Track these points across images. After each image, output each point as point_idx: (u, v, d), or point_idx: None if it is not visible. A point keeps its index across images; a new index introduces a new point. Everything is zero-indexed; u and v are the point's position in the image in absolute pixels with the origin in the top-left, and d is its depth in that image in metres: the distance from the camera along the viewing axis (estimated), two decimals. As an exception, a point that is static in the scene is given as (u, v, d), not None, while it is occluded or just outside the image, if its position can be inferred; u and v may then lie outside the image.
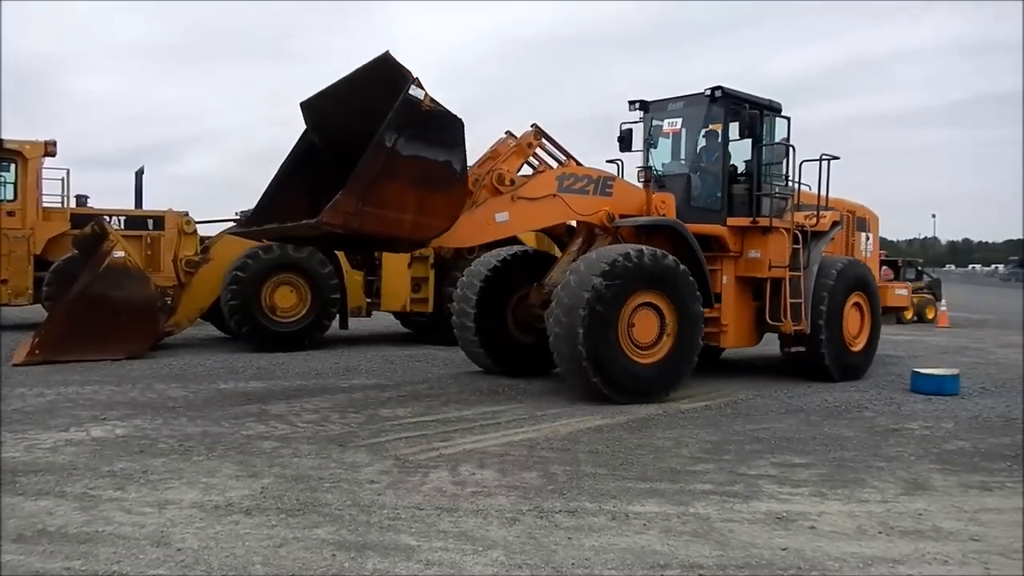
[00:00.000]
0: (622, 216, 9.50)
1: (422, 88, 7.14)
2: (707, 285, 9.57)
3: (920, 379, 9.77)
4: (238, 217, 14.13)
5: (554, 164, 9.41)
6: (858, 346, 10.96)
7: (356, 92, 7.74)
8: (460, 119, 7.52)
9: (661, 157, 10.91)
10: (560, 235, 10.34)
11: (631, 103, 10.75)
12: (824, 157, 10.46)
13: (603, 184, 9.44)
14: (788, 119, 10.82)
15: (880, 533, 4.62)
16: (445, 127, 7.44)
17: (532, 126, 9.29)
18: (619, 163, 10.92)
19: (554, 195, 9.00)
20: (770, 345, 11.93)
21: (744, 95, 10.33)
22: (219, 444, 6.47)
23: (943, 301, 23.20)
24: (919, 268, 23.72)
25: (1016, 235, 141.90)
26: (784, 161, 10.73)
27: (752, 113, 10.16)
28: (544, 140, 9.34)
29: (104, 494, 5.08)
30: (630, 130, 10.89)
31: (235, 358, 11.66)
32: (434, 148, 7.35)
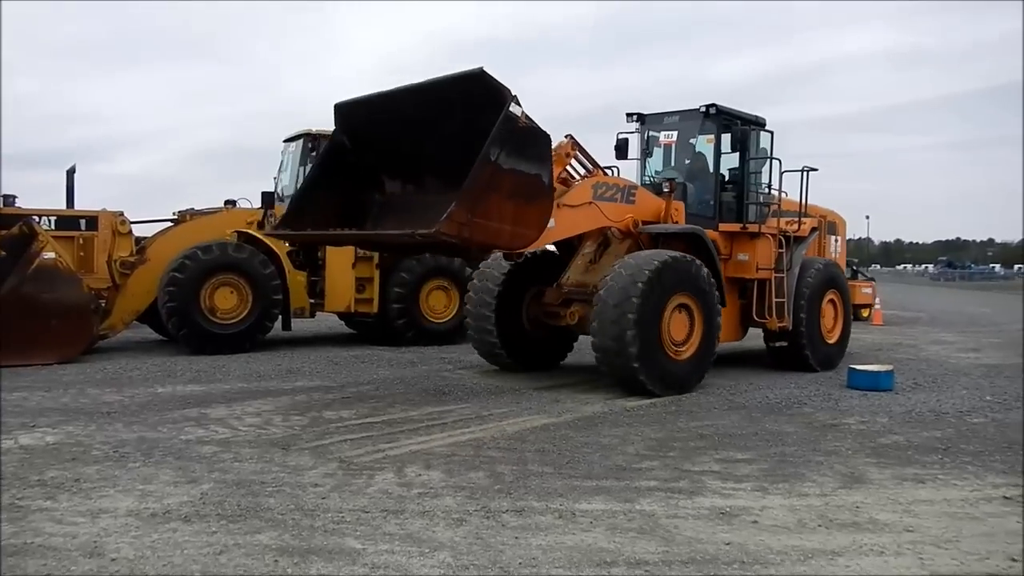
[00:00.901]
0: (645, 222, 10.04)
1: (520, 105, 7.49)
2: (722, 287, 10.16)
3: (856, 375, 10.03)
4: (175, 217, 13.78)
5: (582, 171, 9.75)
6: (833, 338, 11.94)
7: (424, 102, 8.02)
8: (548, 135, 7.88)
9: (656, 166, 11.73)
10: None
11: (628, 115, 11.52)
12: (805, 168, 11.30)
13: (628, 192, 10.00)
14: (772, 133, 11.58)
15: (819, 526, 4.73)
16: (537, 142, 7.76)
17: (567, 136, 9.58)
18: (615, 170, 11.25)
19: (590, 203, 9.41)
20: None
21: (734, 111, 11.14)
22: (156, 450, 6.28)
23: (877, 300, 23.94)
24: (855, 268, 24.37)
25: (944, 236, 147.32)
26: (768, 171, 11.57)
27: (743, 129, 11.11)
28: (577, 150, 9.70)
29: (33, 504, 4.89)
30: (626, 140, 11.55)
31: (173, 361, 11.35)
32: (528, 162, 7.64)
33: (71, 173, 13.84)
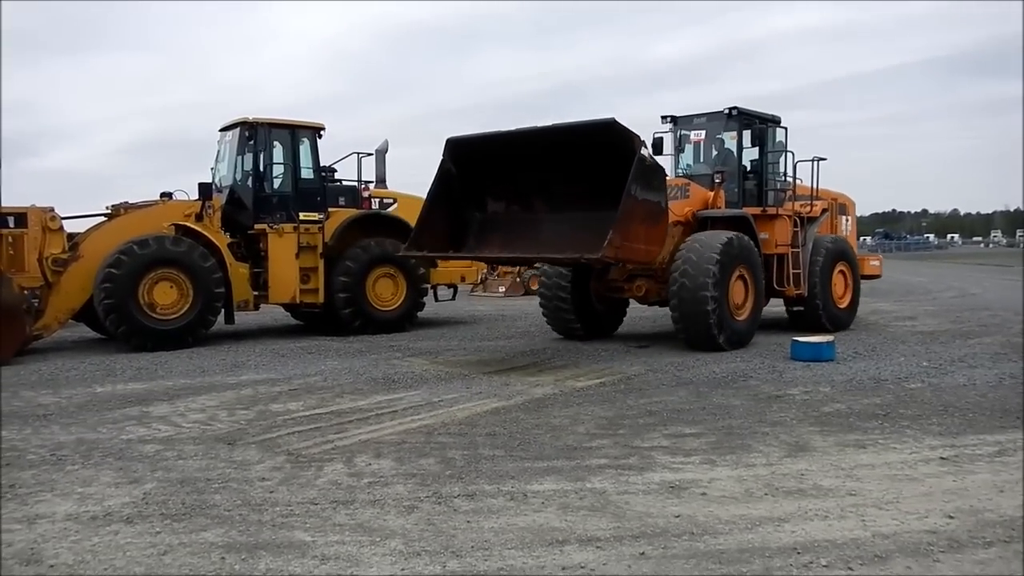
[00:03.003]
0: (698, 211, 11.92)
1: (647, 148, 9.20)
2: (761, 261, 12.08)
3: (799, 347, 10.25)
4: (109, 211, 13.35)
5: None
6: (844, 303, 13.75)
7: (545, 140, 9.81)
8: (664, 168, 9.74)
9: (688, 160, 13.58)
10: None
11: (663, 117, 13.39)
12: (815, 158, 13.06)
13: (684, 190, 11.96)
14: (786, 129, 13.40)
15: (766, 495, 4.82)
16: (658, 175, 9.48)
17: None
18: None
19: None
20: (654, 323, 12.20)
21: (753, 112, 12.84)
22: (96, 451, 6.09)
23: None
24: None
25: (880, 209, 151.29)
26: (783, 161, 13.31)
27: (760, 127, 12.69)
28: None
29: (-35, 512, 4.70)
30: (661, 138, 13.31)
31: (112, 359, 11.03)
32: (653, 192, 9.26)
33: (-4, 169, 13.31)
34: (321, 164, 14.14)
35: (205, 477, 5.33)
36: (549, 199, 10.49)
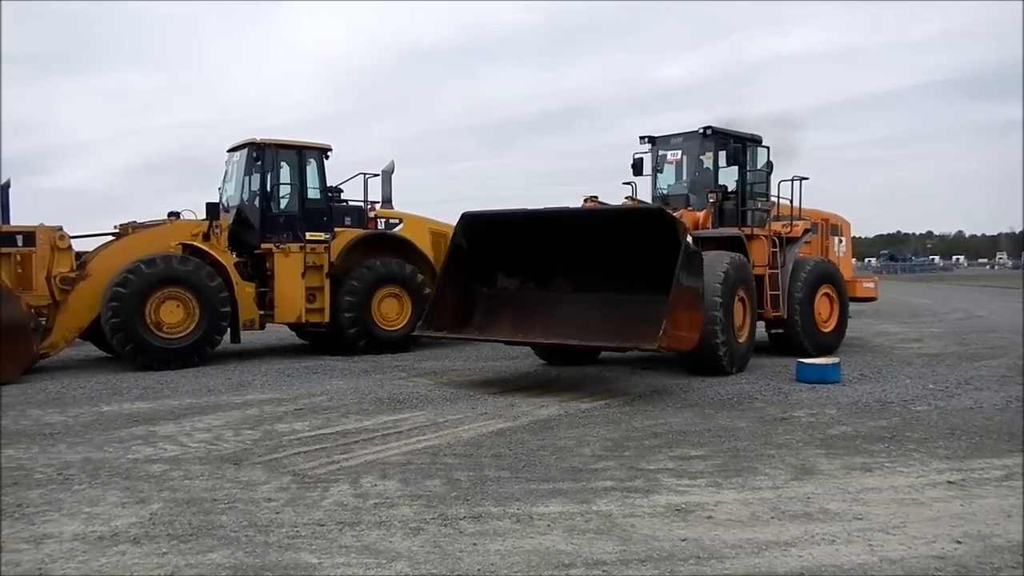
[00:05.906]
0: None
1: (691, 234, 9.48)
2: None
3: (805, 369, 10.24)
4: (117, 230, 13.43)
5: None
6: (829, 327, 13.27)
7: (579, 222, 10.39)
8: (701, 253, 9.62)
9: (667, 180, 13.37)
10: None
11: (641, 138, 13.15)
12: (796, 178, 12.82)
13: None
14: (768, 148, 13.19)
15: (772, 518, 4.81)
16: (698, 260, 9.47)
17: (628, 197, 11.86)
18: (633, 185, 13.13)
19: None
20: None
21: (730, 131, 12.66)
22: (102, 470, 6.11)
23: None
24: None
25: (885, 230, 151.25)
26: (765, 181, 13.09)
27: (736, 146, 12.47)
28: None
29: (-28, 532, 4.71)
30: (641, 159, 13.11)
31: (119, 378, 11.06)
32: (693, 277, 9.23)
33: (6, 188, 13.42)
34: (327, 184, 14.24)
35: (211, 497, 5.34)
36: (569, 278, 10.44)
